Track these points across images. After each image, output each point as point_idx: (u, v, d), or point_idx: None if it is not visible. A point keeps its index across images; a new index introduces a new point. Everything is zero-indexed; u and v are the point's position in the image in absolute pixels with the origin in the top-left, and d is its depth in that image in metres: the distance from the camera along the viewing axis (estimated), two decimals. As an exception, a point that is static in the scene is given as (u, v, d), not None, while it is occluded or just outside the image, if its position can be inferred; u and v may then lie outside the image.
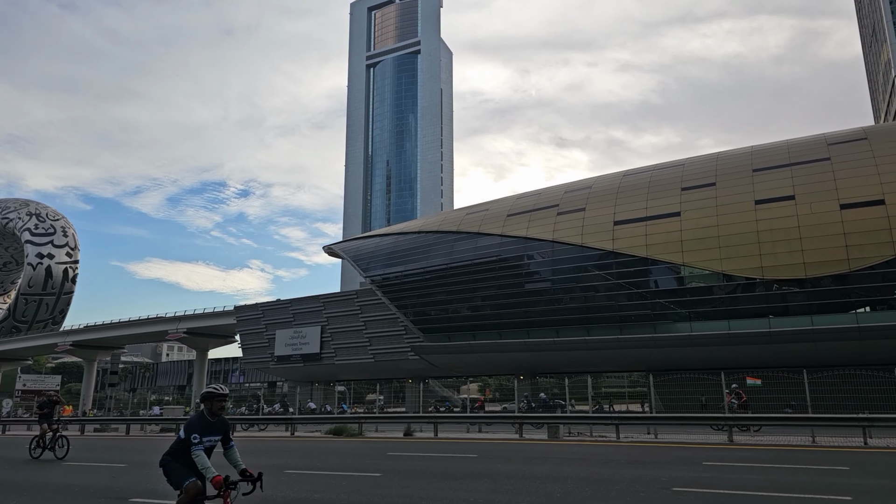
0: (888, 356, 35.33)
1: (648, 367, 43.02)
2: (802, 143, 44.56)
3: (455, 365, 52.66)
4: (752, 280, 38.99)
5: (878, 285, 36.60)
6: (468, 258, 49.70)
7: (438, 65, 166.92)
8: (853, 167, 39.39)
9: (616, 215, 44.82)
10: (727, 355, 38.95)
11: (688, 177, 45.30)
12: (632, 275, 42.42)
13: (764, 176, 41.88)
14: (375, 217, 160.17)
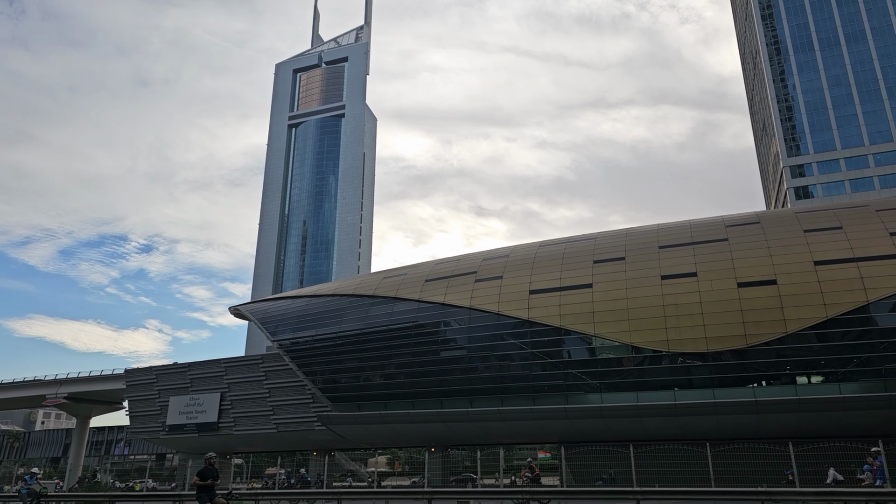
0: (782, 430, 37.30)
1: (561, 438, 42.99)
2: (703, 224, 47.95)
3: (364, 436, 50.42)
4: (659, 353, 40.45)
5: (772, 361, 38.93)
6: (383, 323, 48.74)
7: (362, 129, 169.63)
8: (748, 248, 42.60)
9: (532, 284, 45.73)
10: (636, 427, 39.67)
11: (599, 250, 47.30)
12: (546, 344, 42.97)
13: (669, 252, 44.40)
14: (288, 278, 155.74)
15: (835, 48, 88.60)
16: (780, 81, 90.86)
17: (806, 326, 38.33)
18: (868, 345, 37.54)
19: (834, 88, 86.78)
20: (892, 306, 38.07)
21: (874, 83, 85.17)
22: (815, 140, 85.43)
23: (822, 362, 38.79)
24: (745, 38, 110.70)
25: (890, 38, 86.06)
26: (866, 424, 36.47)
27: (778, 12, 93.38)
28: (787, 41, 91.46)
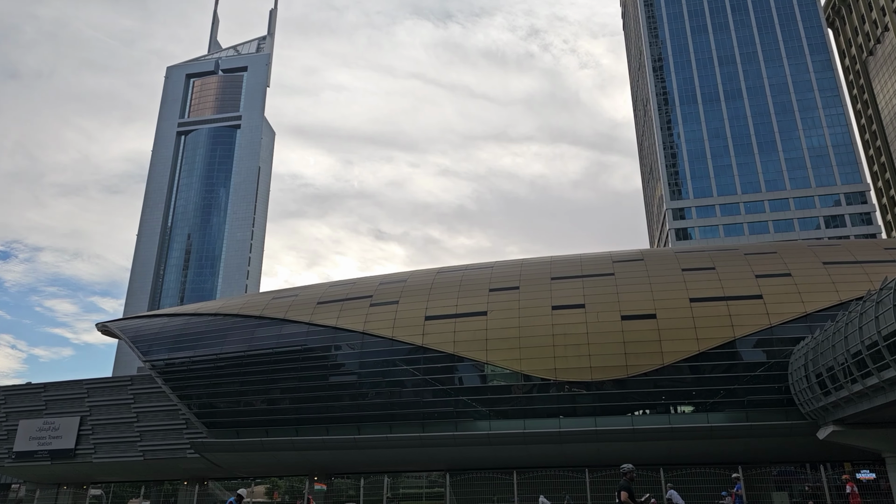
0: (657, 457, 39.99)
1: (449, 465, 43.43)
2: (593, 259, 51.03)
3: (243, 464, 48.16)
4: (547, 381, 42.20)
5: (650, 391, 41.83)
6: (270, 346, 47.24)
7: (259, 142, 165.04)
8: (632, 283, 45.81)
9: (428, 310, 46.32)
10: (522, 454, 40.93)
11: (496, 279, 48.92)
12: (439, 371, 43.52)
13: (560, 284, 46.78)
14: (167, 295, 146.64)
15: (715, 103, 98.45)
16: (666, 129, 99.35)
17: (681, 359, 41.59)
18: (733, 378, 41.34)
19: (713, 140, 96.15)
20: (755, 342, 42.22)
21: (748, 138, 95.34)
22: (695, 186, 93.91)
23: (694, 393, 42.17)
24: (638, 86, 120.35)
25: (762, 98, 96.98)
26: (730, 452, 39.93)
27: (668, 66, 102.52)
28: (675, 93, 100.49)
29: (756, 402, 40.14)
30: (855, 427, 34.16)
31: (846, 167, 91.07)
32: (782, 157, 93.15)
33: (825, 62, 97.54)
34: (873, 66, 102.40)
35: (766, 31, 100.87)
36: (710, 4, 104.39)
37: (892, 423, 32.95)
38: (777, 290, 43.40)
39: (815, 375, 34.98)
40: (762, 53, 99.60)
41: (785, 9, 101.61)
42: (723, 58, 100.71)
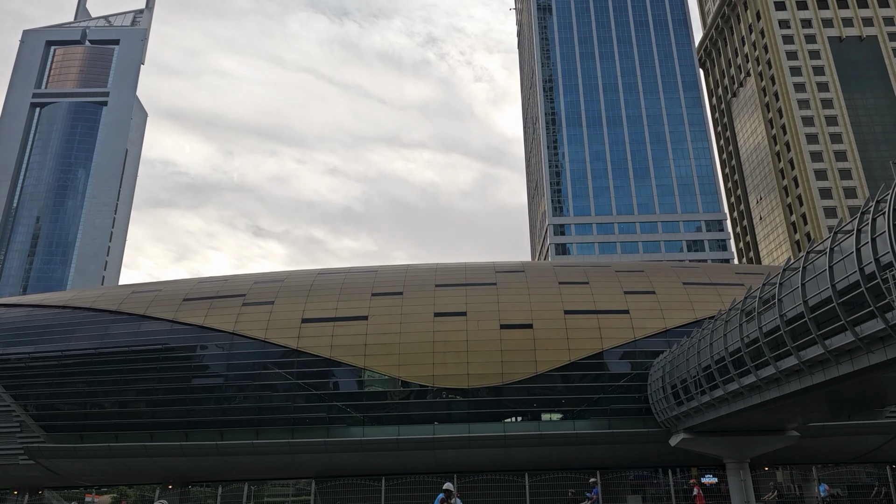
0: (526, 462, 41.59)
1: (319, 473, 42.46)
2: (477, 268, 52.36)
3: (87, 472, 44.10)
4: (425, 387, 42.61)
5: (523, 398, 43.49)
6: (125, 344, 43.86)
7: (128, 123, 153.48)
8: (513, 294, 47.50)
9: (305, 313, 45.19)
10: (394, 461, 40.93)
11: (379, 283, 48.75)
12: (313, 375, 42.55)
13: (444, 291, 47.51)
14: (7, 283, 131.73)
15: (598, 128, 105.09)
16: (552, 149, 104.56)
17: (553, 368, 43.68)
18: (599, 387, 44.01)
19: (594, 162, 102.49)
20: (621, 354, 45.24)
21: (625, 163, 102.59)
22: (576, 205, 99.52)
23: (563, 401, 44.37)
24: (529, 104, 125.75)
25: (640, 127, 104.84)
26: (593, 457, 42.36)
27: (557, 88, 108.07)
28: (562, 114, 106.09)
29: (618, 411, 42.97)
30: (702, 435, 37.55)
31: (708, 197, 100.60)
32: (654, 183, 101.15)
33: (696, 99, 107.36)
34: (736, 106, 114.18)
35: (647, 65, 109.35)
36: (598, 34, 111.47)
37: (733, 431, 36.59)
38: (642, 306, 46.85)
39: (671, 387, 38.08)
40: (642, 85, 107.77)
41: (664, 45, 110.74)
42: (607, 85, 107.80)
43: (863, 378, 23.08)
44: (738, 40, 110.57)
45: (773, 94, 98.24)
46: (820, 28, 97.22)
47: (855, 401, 32.86)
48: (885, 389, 28.77)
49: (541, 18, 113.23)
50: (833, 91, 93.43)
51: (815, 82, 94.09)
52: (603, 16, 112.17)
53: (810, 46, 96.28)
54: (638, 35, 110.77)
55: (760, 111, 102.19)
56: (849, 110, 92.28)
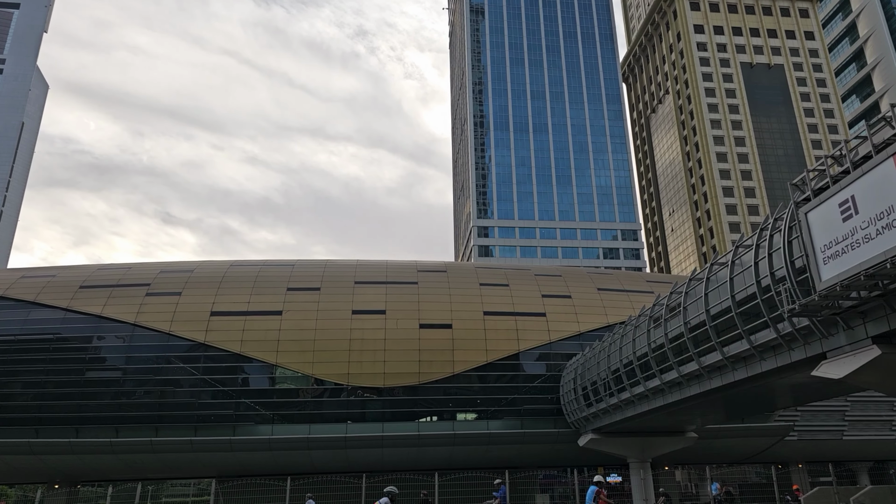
0: (440, 462, 41.62)
1: (223, 472, 40.78)
2: (399, 266, 51.98)
3: (-44, 475, 40.37)
4: (340, 386, 41.83)
5: (439, 398, 43.50)
6: (11, 332, 40.54)
7: (26, 94, 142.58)
8: (434, 293, 47.46)
9: (215, 305, 43.37)
10: (304, 460, 39.91)
11: (296, 278, 47.44)
12: (220, 371, 40.85)
13: (363, 289, 46.85)
14: None
15: (525, 133, 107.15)
16: (480, 151, 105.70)
17: (470, 368, 44.00)
18: (514, 388, 44.70)
19: (520, 167, 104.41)
20: (536, 356, 46.14)
21: (549, 169, 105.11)
22: (500, 208, 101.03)
23: (478, 401, 44.75)
24: (458, 105, 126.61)
25: (564, 135, 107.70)
26: (505, 457, 42.97)
27: (486, 91, 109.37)
28: (490, 118, 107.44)
29: (531, 412, 43.80)
30: (609, 435, 38.86)
31: (625, 207, 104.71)
32: (575, 191, 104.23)
33: (618, 112, 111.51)
34: (654, 122, 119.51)
35: (574, 76, 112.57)
36: (529, 41, 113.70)
37: (637, 432, 38.07)
38: (558, 310, 47.99)
39: (582, 388, 39.19)
40: (568, 95, 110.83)
41: (590, 58, 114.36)
42: (535, 92, 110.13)
43: (756, 383, 24.47)
44: (659, 59, 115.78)
45: (688, 113, 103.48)
46: (734, 53, 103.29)
47: (749, 405, 34.92)
48: (775, 395, 30.70)
49: (473, 21, 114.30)
50: (742, 114, 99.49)
51: (727, 104, 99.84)
52: (534, 24, 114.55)
53: (724, 70, 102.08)
54: (566, 45, 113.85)
55: (676, 128, 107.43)
56: (756, 133, 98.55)
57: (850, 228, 16.35)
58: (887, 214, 15.19)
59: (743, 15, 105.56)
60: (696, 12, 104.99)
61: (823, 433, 43.56)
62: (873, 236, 15.57)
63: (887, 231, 15.16)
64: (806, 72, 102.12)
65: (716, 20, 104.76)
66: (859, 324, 18.18)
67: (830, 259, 17.02)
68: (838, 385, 20.86)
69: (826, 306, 17.85)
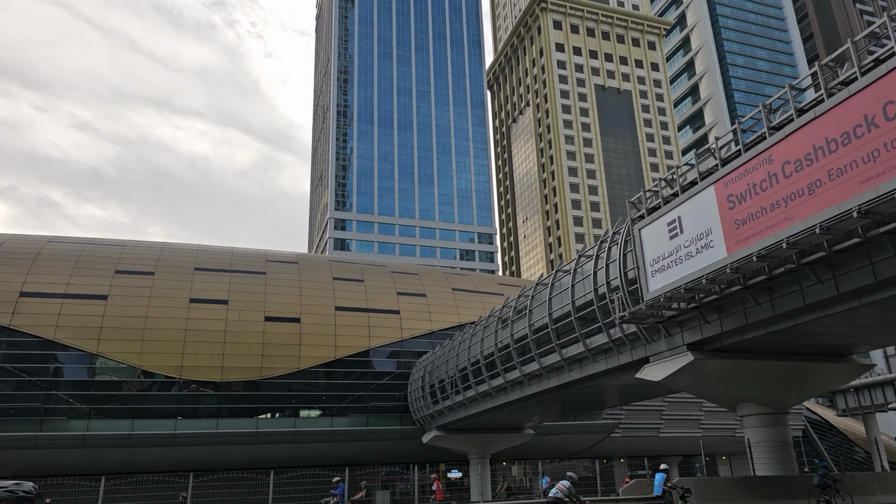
0: (279, 460, 40.35)
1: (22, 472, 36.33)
2: (246, 255, 49.65)
3: None
4: (171, 379, 39.07)
5: (282, 394, 42.18)
6: None
7: None
8: (283, 285, 45.91)
9: (26, 285, 38.65)
10: (125, 458, 36.85)
11: (127, 260, 43.64)
12: (28, 359, 36.45)
13: (204, 276, 44.16)
14: None
15: (389, 129, 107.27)
16: (342, 142, 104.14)
17: (317, 364, 43.21)
18: (362, 384, 44.57)
19: (382, 162, 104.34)
20: (387, 353, 46.38)
21: (412, 167, 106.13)
22: (360, 202, 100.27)
23: (324, 398, 44.08)
24: (321, 93, 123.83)
25: (429, 135, 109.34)
26: (349, 454, 42.68)
27: (352, 82, 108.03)
28: (355, 109, 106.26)
29: (378, 409, 43.98)
30: (452, 432, 40.09)
31: (483, 211, 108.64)
32: (437, 191, 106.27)
33: (481, 118, 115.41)
34: (515, 131, 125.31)
35: (441, 77, 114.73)
36: (398, 37, 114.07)
37: (479, 429, 39.68)
38: (413, 308, 48.64)
39: (430, 386, 40.04)
40: (434, 95, 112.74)
41: (458, 62, 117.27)
42: (402, 88, 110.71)
43: (589, 383, 26.52)
44: (522, 71, 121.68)
45: (545, 126, 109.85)
46: (589, 75, 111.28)
47: (582, 404, 37.80)
48: (605, 394, 33.49)
49: (342, 7, 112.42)
50: (593, 133, 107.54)
51: (580, 122, 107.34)
52: (404, 20, 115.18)
53: (580, 90, 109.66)
54: (435, 46, 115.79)
55: (534, 139, 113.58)
56: (604, 152, 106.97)
57: (676, 246, 18.23)
58: (706, 235, 17.13)
59: (599, 40, 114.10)
60: (559, 31, 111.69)
61: (643, 430, 48.30)
62: (694, 254, 17.48)
63: (705, 250, 17.09)
64: (650, 100, 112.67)
65: (575, 41, 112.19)
66: (678, 332, 20.34)
67: (658, 272, 18.86)
68: (658, 387, 23.18)
69: (651, 315, 19.75)
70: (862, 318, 17.12)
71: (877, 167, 12.44)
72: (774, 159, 15.02)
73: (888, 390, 42.45)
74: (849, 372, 22.15)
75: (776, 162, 14.95)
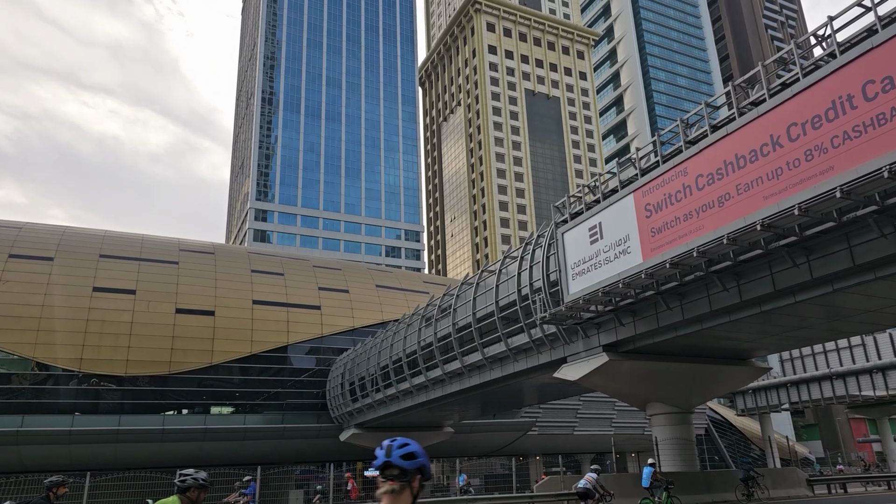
0: (187, 459, 38.90)
1: None
2: (157, 243, 47.59)
3: None
4: (70, 372, 36.96)
5: (192, 389, 40.70)
6: None
7: None
8: (196, 276, 44.31)
9: None
10: (13, 457, 34.55)
11: (22, 243, 40.92)
12: None
13: (110, 264, 42.03)
14: None
15: (317, 119, 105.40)
16: (266, 129, 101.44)
17: (231, 359, 42.01)
18: (279, 381, 43.70)
19: (308, 153, 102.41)
20: (307, 350, 45.71)
21: (339, 160, 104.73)
22: (283, 193, 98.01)
23: (238, 394, 42.90)
24: (246, 77, 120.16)
25: (357, 128, 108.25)
26: (262, 453, 41.72)
27: (279, 69, 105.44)
28: (281, 97, 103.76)
29: (294, 406, 43.25)
30: (371, 430, 40.00)
31: (410, 208, 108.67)
32: (364, 185, 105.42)
33: (412, 114, 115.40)
34: (445, 130, 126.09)
35: (372, 70, 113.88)
36: (329, 26, 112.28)
37: (399, 427, 39.81)
38: (334, 304, 48.14)
39: (350, 383, 39.79)
40: (365, 88, 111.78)
41: (390, 56, 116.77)
42: (331, 79, 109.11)
43: (508, 382, 27.17)
44: (455, 70, 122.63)
45: (476, 127, 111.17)
46: (520, 79, 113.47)
47: (502, 402, 38.62)
48: (524, 393, 34.38)
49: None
50: (522, 136, 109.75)
51: (510, 125, 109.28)
52: (336, 9, 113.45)
53: (511, 93, 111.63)
54: (367, 38, 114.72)
55: (465, 139, 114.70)
56: (531, 156, 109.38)
57: (596, 250, 19.01)
58: (624, 242, 17.97)
59: (531, 45, 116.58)
60: (492, 34, 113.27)
61: (559, 428, 49.85)
62: (612, 259, 18.29)
63: (623, 256, 17.93)
64: (577, 107, 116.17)
65: (507, 45, 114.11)
66: (594, 333, 21.21)
67: (578, 276, 19.60)
68: (575, 386, 24.06)
69: (570, 316, 20.51)
70: (761, 324, 18.44)
71: (780, 184, 13.47)
72: (689, 172, 15.95)
73: (782, 392, 45.82)
74: (748, 374, 23.80)
75: (691, 174, 15.88)
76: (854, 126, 12.12)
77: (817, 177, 12.64)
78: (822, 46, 13.46)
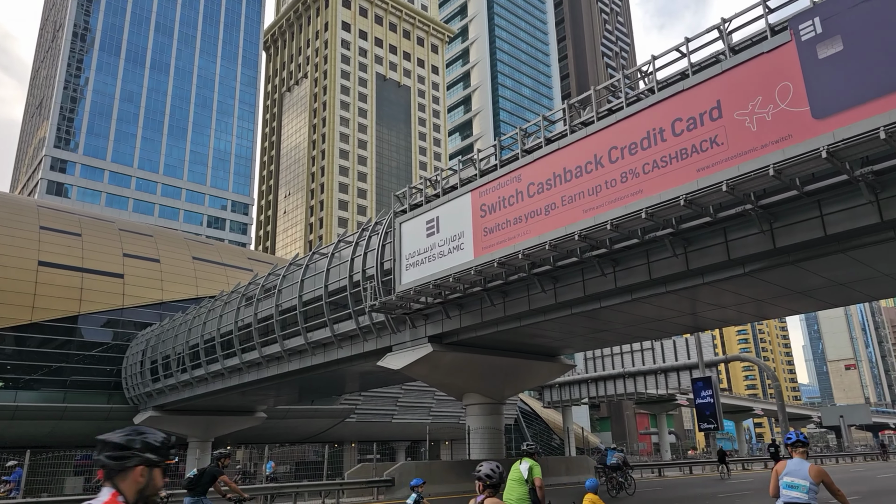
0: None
1: None
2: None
3: None
4: None
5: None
6: None
7: None
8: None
9: None
10: None
11: None
12: None
13: None
14: None
15: (140, 67, 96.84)
16: (75, 69, 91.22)
17: (5, 327, 37.73)
18: (64, 355, 39.94)
19: (125, 103, 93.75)
20: (103, 322, 42.28)
21: (162, 115, 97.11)
22: (89, 143, 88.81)
23: (9, 367, 38.52)
24: (55, 6, 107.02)
25: (188, 84, 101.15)
26: (36, 434, 37.90)
27: (98, 3, 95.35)
28: (97, 35, 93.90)
29: (81, 383, 39.86)
30: (172, 413, 38.11)
31: (241, 178, 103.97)
32: (189, 147, 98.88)
33: (252, 79, 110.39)
34: (288, 101, 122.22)
35: (211, 23, 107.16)
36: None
37: (204, 411, 38.38)
38: (141, 273, 45.02)
39: (151, 362, 37.54)
40: (201, 42, 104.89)
41: (234, 12, 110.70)
42: (161, 25, 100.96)
43: (331, 368, 27.55)
44: (304, 40, 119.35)
45: (321, 103, 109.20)
46: (372, 62, 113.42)
47: (322, 388, 38.80)
48: (346, 380, 34.89)
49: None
50: (369, 120, 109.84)
51: (357, 107, 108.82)
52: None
53: (361, 74, 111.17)
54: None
55: (308, 114, 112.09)
56: (377, 141, 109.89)
57: (432, 243, 20.11)
58: (458, 238, 19.24)
59: (386, 30, 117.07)
60: (347, 10, 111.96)
61: (378, 416, 51.02)
62: (446, 254, 19.49)
63: (456, 251, 19.19)
64: (427, 100, 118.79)
65: (362, 24, 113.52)
66: (422, 324, 22.38)
67: (412, 266, 20.58)
68: (398, 374, 25.10)
69: (400, 306, 21.45)
70: (571, 325, 20.77)
71: (598, 200, 15.40)
72: (523, 179, 17.56)
73: (583, 387, 51.92)
74: (556, 370, 26.56)
75: (524, 181, 17.50)
76: (662, 156, 14.28)
77: (629, 197, 14.68)
78: (645, 81, 15.63)
